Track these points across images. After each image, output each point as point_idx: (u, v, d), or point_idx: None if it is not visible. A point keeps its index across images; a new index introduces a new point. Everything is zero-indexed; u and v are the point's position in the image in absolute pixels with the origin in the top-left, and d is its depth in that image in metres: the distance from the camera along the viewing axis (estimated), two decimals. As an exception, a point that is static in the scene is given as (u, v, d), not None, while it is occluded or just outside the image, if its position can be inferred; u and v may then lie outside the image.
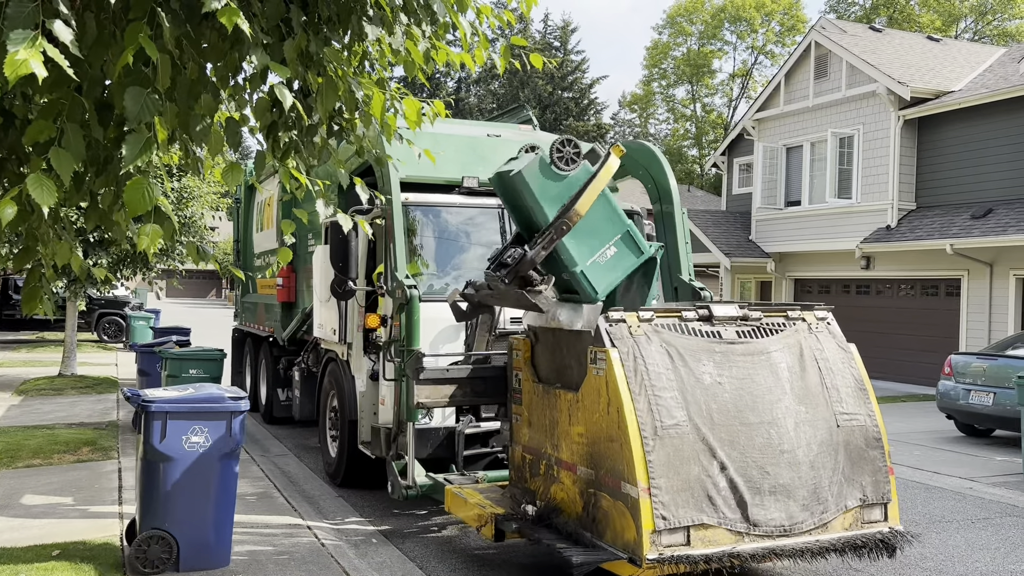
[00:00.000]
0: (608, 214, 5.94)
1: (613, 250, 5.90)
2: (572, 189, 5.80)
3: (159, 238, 3.07)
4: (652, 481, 4.75)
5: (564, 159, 5.80)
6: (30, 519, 6.63)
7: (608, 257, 5.88)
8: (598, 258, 5.85)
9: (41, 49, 2.27)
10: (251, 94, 3.61)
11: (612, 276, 5.89)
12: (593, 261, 5.83)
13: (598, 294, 5.82)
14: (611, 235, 5.91)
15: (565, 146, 5.83)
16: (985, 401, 11.24)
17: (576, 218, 5.65)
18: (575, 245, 5.80)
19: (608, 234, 5.90)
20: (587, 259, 5.83)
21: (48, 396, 13.36)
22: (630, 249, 5.95)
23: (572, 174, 5.83)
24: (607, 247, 5.88)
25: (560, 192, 5.80)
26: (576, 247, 5.80)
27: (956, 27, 40.95)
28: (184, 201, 15.50)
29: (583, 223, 5.74)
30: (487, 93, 51.61)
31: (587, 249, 5.84)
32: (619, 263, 5.92)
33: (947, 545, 6.83)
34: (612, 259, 5.89)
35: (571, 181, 5.83)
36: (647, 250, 6.02)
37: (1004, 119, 16.35)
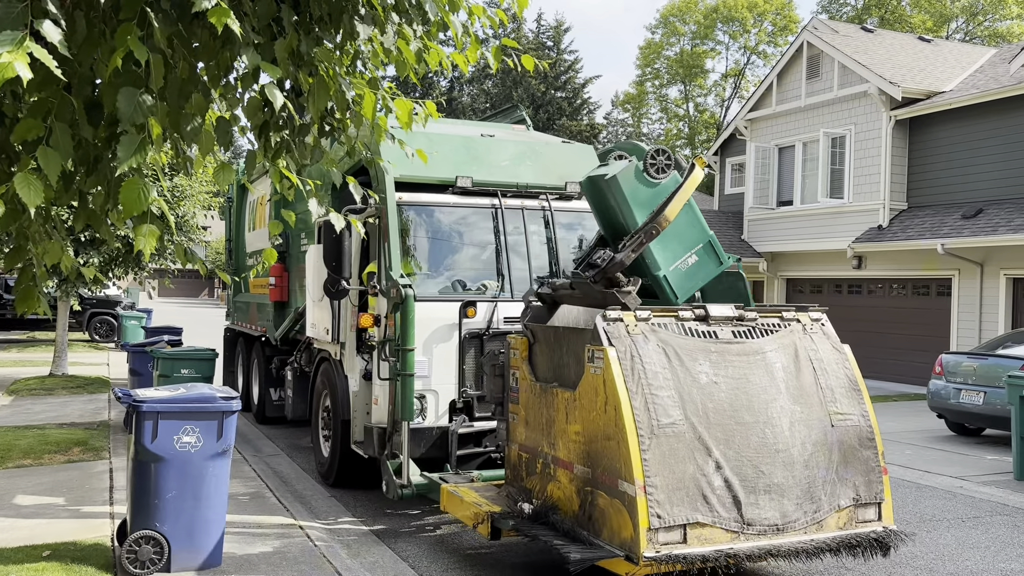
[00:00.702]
0: (692, 223, 6.21)
1: (694, 258, 6.16)
2: (661, 197, 6.04)
3: (155, 238, 3.07)
4: (648, 479, 4.77)
5: (657, 168, 6.08)
6: (20, 519, 6.60)
7: (689, 264, 6.14)
8: (680, 264, 6.10)
9: (28, 51, 2.26)
10: (242, 94, 3.61)
11: (692, 283, 6.15)
12: (675, 267, 6.07)
13: (678, 299, 6.04)
14: (694, 243, 6.17)
15: (658, 156, 6.11)
16: (976, 400, 11.28)
17: (665, 223, 5.86)
18: (660, 251, 6.03)
19: (691, 242, 6.17)
20: (670, 264, 6.07)
21: (39, 396, 13.30)
22: (710, 258, 6.22)
23: (663, 183, 6.10)
24: (689, 255, 6.14)
25: (650, 199, 6.06)
26: (661, 252, 6.04)
27: (947, 28, 41.10)
28: (176, 200, 15.46)
29: (669, 230, 5.97)
30: (480, 92, 51.58)
31: (671, 255, 6.08)
32: (699, 271, 6.18)
33: (938, 544, 6.86)
34: (693, 266, 6.15)
35: (661, 189, 6.09)
36: (726, 261, 6.27)
37: (995, 119, 16.43)
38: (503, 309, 7.51)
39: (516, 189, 8.23)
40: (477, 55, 4.20)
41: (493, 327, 7.44)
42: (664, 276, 6.03)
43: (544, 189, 8.36)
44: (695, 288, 6.18)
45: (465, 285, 7.76)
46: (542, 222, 8.16)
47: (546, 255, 8.08)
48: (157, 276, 17.67)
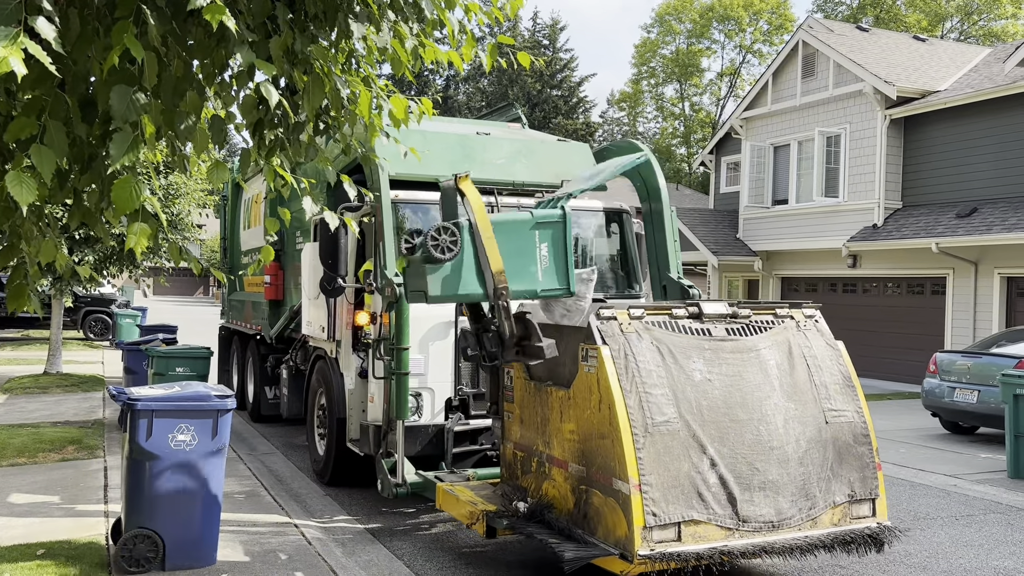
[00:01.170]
0: (512, 232, 5.72)
1: (544, 248, 5.76)
2: (471, 259, 5.57)
3: (147, 237, 3.06)
4: (643, 477, 4.78)
5: (441, 248, 5.49)
6: (14, 518, 6.59)
7: (547, 256, 5.77)
8: (543, 268, 5.75)
9: (22, 47, 2.25)
10: (237, 91, 3.60)
11: (564, 262, 5.80)
12: (544, 275, 5.76)
13: (569, 287, 5.82)
14: (532, 241, 5.75)
15: (441, 234, 5.49)
16: (969, 399, 11.32)
17: (502, 278, 5.51)
18: (521, 284, 5.69)
19: (530, 244, 5.74)
20: (539, 280, 5.75)
21: (33, 394, 13.27)
22: (551, 227, 5.77)
23: (458, 252, 5.53)
24: (539, 252, 5.75)
25: (465, 270, 5.56)
26: (524, 283, 5.71)
27: (942, 27, 41.19)
28: (171, 198, 15.42)
29: (508, 264, 5.58)
30: (476, 91, 51.57)
31: (530, 275, 5.73)
32: (558, 247, 5.78)
33: (931, 542, 6.88)
34: (552, 252, 5.77)
35: (465, 255, 5.55)
36: (558, 209, 5.86)
37: (989, 119, 16.47)
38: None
39: (511, 187, 8.23)
40: (472, 53, 4.19)
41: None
42: (543, 291, 5.78)
43: (539, 187, 8.36)
44: (570, 258, 5.79)
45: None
46: (537, 220, 8.14)
47: (541, 253, 8.07)
48: (152, 274, 17.62)
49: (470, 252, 5.58)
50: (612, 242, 8.70)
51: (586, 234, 8.58)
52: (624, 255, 8.67)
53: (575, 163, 8.82)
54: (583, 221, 8.55)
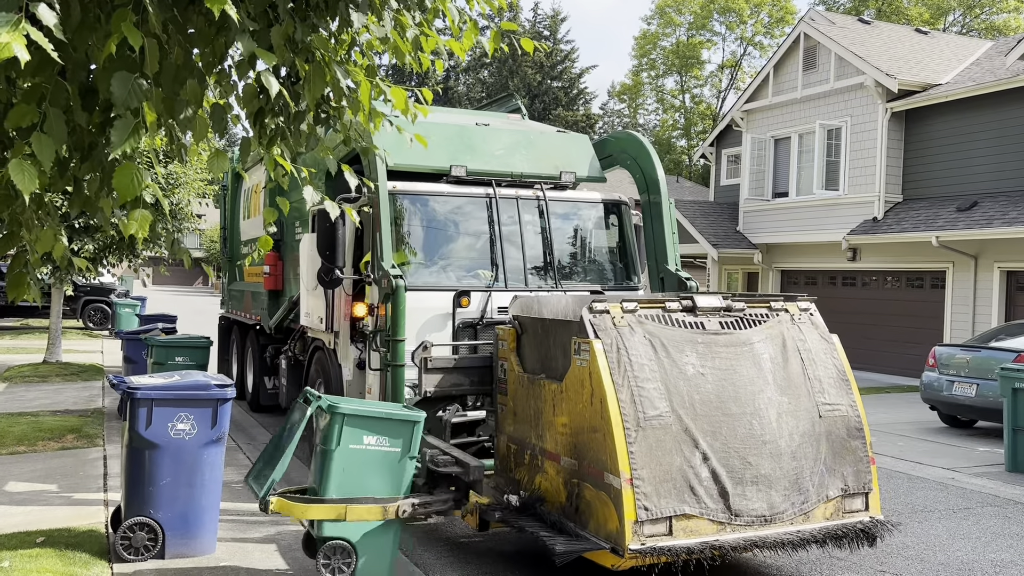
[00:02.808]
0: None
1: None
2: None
3: (148, 224, 3.05)
4: (634, 472, 4.78)
5: (334, 569, 5.09)
6: (14, 506, 6.60)
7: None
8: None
9: (24, 32, 2.24)
10: (238, 80, 3.59)
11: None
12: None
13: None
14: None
15: (333, 555, 5.09)
16: (968, 392, 11.34)
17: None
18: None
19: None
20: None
21: (33, 383, 13.28)
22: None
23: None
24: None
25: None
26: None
27: (944, 20, 41.08)
28: (171, 188, 15.40)
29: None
30: (476, 81, 51.44)
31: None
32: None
33: (929, 534, 6.90)
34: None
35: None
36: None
37: (991, 112, 16.44)
38: (497, 299, 7.52)
39: (511, 178, 8.22)
40: (473, 40, 4.18)
41: (487, 316, 7.45)
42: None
43: (539, 178, 8.35)
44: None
45: (459, 275, 7.75)
46: (536, 212, 8.15)
47: (540, 245, 8.08)
48: (151, 264, 17.61)
49: (355, 527, 5.19)
50: (610, 234, 8.69)
51: (585, 225, 8.58)
52: (622, 247, 8.66)
53: (575, 154, 8.80)
54: (582, 212, 8.55)
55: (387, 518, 5.15)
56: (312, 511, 5.09)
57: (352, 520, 5.08)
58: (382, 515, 5.14)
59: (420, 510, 5.41)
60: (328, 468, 5.09)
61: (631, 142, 8.92)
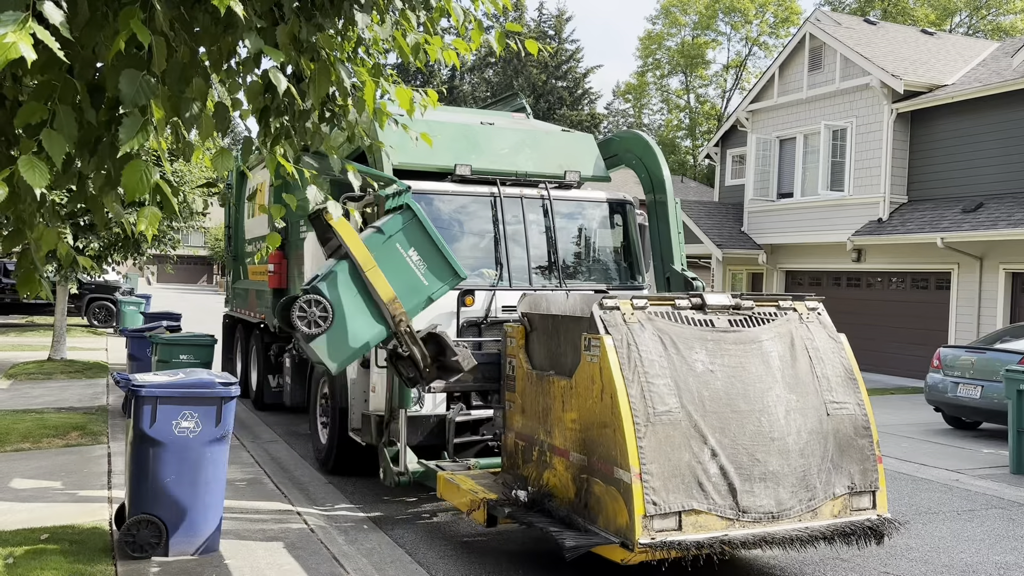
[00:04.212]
0: (377, 253, 5.74)
1: (412, 252, 5.87)
2: (357, 302, 5.57)
3: (158, 221, 3.06)
4: (644, 467, 4.79)
5: (310, 322, 5.33)
6: (19, 503, 6.62)
7: (419, 258, 5.88)
8: (423, 273, 5.86)
9: (31, 32, 2.25)
10: (244, 78, 3.59)
11: (439, 255, 5.98)
12: (427, 278, 5.88)
13: (457, 275, 6.07)
14: (398, 253, 5.85)
15: (309, 308, 5.33)
16: (973, 394, 11.31)
17: (396, 305, 5.54)
18: (413, 299, 5.76)
19: (397, 256, 5.84)
20: (424, 286, 5.88)
21: (37, 380, 13.31)
22: (406, 229, 5.90)
23: (332, 321, 5.42)
24: (410, 260, 5.85)
25: (355, 319, 5.54)
26: (415, 296, 5.81)
27: (950, 21, 40.98)
28: (178, 185, 15.44)
29: (395, 281, 5.64)
30: (481, 81, 51.43)
31: (415, 286, 5.83)
32: (423, 245, 5.93)
33: (933, 536, 6.89)
34: (421, 252, 5.90)
35: (346, 303, 5.48)
36: (402, 208, 5.97)
37: (996, 113, 16.40)
38: (501, 298, 7.52)
39: (515, 178, 8.22)
40: (480, 40, 4.18)
41: (491, 315, 7.45)
42: (430, 296, 5.96)
43: (543, 178, 8.35)
44: (444, 254, 6.00)
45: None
46: (541, 211, 8.15)
47: (545, 244, 8.08)
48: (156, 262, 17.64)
49: (353, 296, 5.53)
50: (615, 233, 8.69)
51: (589, 224, 8.58)
52: (627, 246, 8.66)
53: (580, 154, 8.80)
54: (587, 212, 8.54)
55: (390, 309, 5.38)
56: (354, 239, 5.38)
57: (370, 279, 5.29)
58: (391, 300, 5.41)
59: (407, 339, 5.67)
60: (369, 240, 5.61)
61: (636, 141, 8.91)
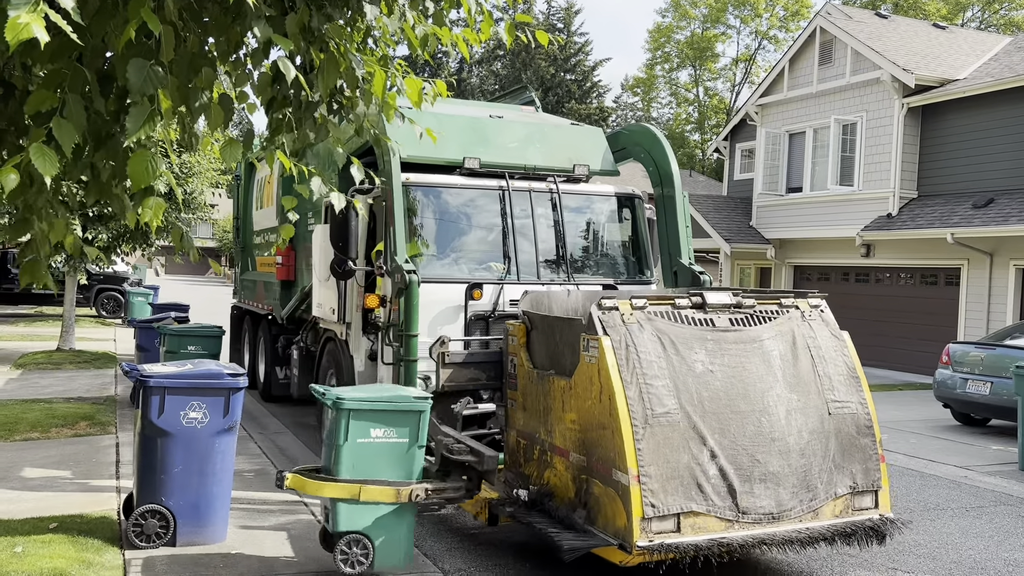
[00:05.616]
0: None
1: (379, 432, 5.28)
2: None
3: (162, 211, 3.05)
4: (642, 469, 4.77)
5: (352, 562, 5.13)
6: (27, 492, 6.65)
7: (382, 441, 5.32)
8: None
9: (43, 14, 2.24)
10: (252, 69, 3.58)
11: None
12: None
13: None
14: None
15: (350, 548, 5.10)
16: (982, 390, 11.26)
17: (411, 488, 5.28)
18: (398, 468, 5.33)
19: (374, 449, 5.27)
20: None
21: (46, 370, 13.37)
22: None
23: (373, 558, 5.13)
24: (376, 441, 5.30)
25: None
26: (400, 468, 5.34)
27: (962, 15, 40.69)
28: (184, 177, 15.45)
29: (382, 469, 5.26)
30: (489, 74, 51.34)
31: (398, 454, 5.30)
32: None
33: (941, 532, 6.86)
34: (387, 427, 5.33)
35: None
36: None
37: (1008, 108, 16.28)
38: (509, 291, 7.51)
39: (524, 171, 8.20)
40: (490, 31, 4.16)
41: (499, 309, 7.44)
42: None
43: (552, 171, 8.32)
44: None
45: (471, 267, 7.74)
46: (549, 204, 8.13)
47: (553, 238, 8.06)
48: (165, 253, 17.70)
49: (370, 512, 5.20)
50: (624, 227, 8.66)
51: (598, 219, 8.55)
52: (636, 241, 8.63)
53: (588, 147, 8.77)
54: (595, 206, 8.52)
55: (400, 501, 5.15)
56: (326, 488, 5.09)
57: (366, 500, 5.07)
58: (395, 497, 5.13)
59: (433, 496, 5.41)
60: (339, 457, 5.11)
61: (645, 135, 8.88)
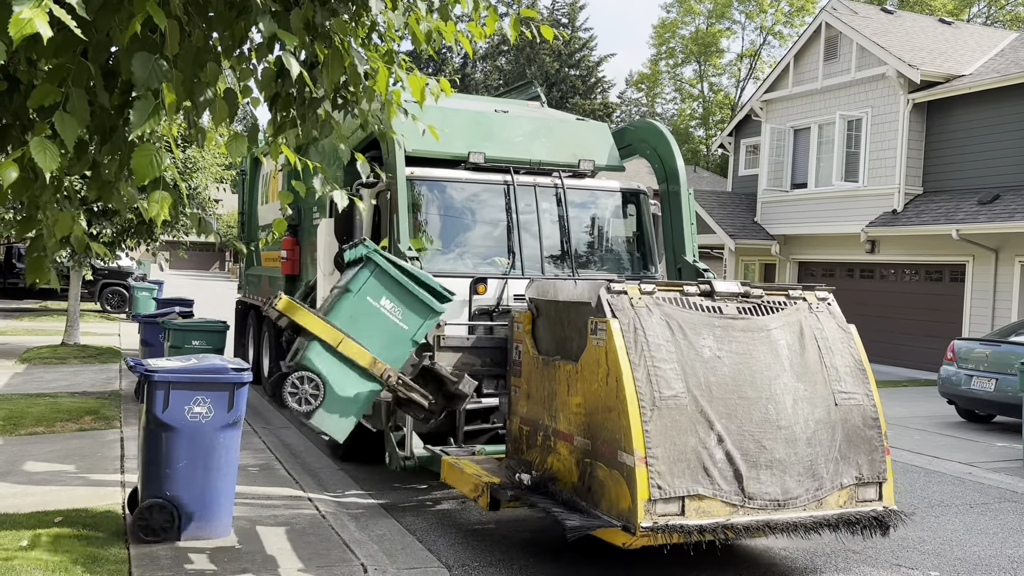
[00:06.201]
0: (352, 314, 5.54)
1: (384, 300, 5.66)
2: (346, 371, 5.46)
3: (168, 205, 3.06)
4: (649, 451, 4.77)
5: (302, 399, 5.25)
6: (32, 486, 6.67)
7: (394, 305, 5.68)
8: (401, 318, 5.66)
9: (47, 9, 2.24)
10: (256, 65, 3.58)
11: (410, 295, 5.74)
12: (405, 321, 5.68)
13: (437, 305, 5.84)
14: (371, 306, 5.63)
15: (301, 385, 5.23)
16: (987, 387, 11.24)
17: (378, 365, 5.40)
18: (398, 348, 5.59)
19: (371, 310, 5.62)
20: (405, 330, 5.67)
21: (51, 365, 13.40)
22: (372, 281, 5.69)
23: (323, 398, 5.33)
24: (383, 309, 5.64)
25: (350, 383, 5.43)
26: (399, 345, 5.63)
27: (968, 11, 40.52)
28: (189, 172, 15.46)
29: (375, 341, 5.47)
30: (493, 69, 51.27)
31: (396, 334, 5.62)
32: (393, 288, 5.70)
33: (945, 529, 6.85)
34: (393, 298, 5.68)
35: (336, 372, 5.36)
36: (363, 261, 5.79)
37: (1014, 104, 16.22)
38: (513, 286, 7.50)
39: (529, 166, 8.19)
40: (496, 26, 4.15)
41: (503, 304, 7.44)
42: (414, 338, 5.76)
43: (557, 166, 8.31)
44: (415, 291, 5.77)
45: (476, 262, 7.73)
46: (554, 199, 8.12)
47: (558, 233, 8.05)
48: (169, 248, 17.69)
49: (337, 364, 5.39)
50: (628, 223, 8.65)
51: (602, 214, 8.54)
52: (640, 236, 8.62)
53: (594, 143, 8.76)
54: (600, 201, 8.51)
55: (371, 370, 5.12)
56: (313, 323, 5.01)
57: (343, 352, 5.04)
58: (371, 365, 5.10)
59: (400, 388, 5.37)
60: (340, 304, 5.10)
61: (650, 131, 8.86)
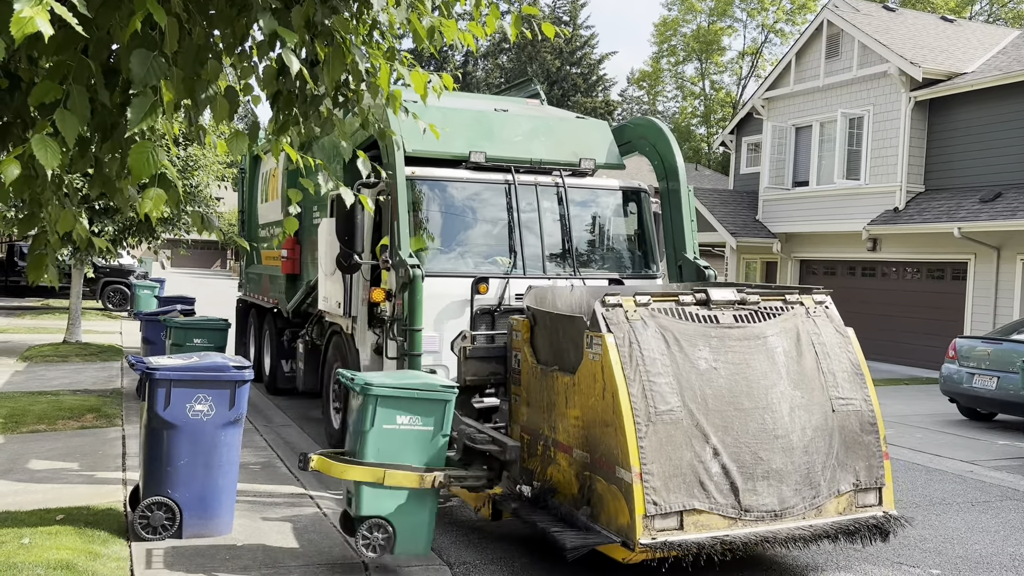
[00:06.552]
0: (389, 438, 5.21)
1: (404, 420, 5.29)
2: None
3: (163, 203, 3.05)
4: (644, 467, 4.78)
5: (374, 547, 5.13)
6: (34, 484, 6.68)
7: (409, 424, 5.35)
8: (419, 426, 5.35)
9: (48, 7, 2.24)
10: (257, 62, 3.57)
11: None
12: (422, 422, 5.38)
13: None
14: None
15: (371, 533, 5.13)
16: (988, 385, 11.23)
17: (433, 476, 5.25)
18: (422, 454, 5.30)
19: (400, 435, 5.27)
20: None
21: (53, 363, 13.41)
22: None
23: (394, 542, 5.15)
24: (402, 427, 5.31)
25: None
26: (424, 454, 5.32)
27: (971, 8, 40.46)
28: (190, 170, 15.47)
29: (407, 453, 5.24)
30: (495, 67, 51.24)
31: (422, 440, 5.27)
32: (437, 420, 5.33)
33: (947, 527, 6.85)
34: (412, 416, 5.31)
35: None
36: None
37: (1016, 102, 16.19)
38: (515, 286, 7.50)
39: (529, 165, 8.18)
40: (496, 25, 4.15)
41: (504, 304, 7.43)
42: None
43: (558, 165, 8.31)
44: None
45: (477, 261, 7.73)
46: (555, 198, 8.11)
47: (559, 232, 8.04)
48: (171, 246, 17.70)
49: (393, 498, 5.21)
50: (629, 222, 8.64)
51: (603, 213, 8.54)
52: (641, 235, 8.61)
53: (594, 141, 8.75)
54: (601, 200, 8.50)
55: (423, 486, 5.17)
56: (352, 471, 5.10)
57: (390, 484, 5.08)
58: (419, 483, 5.15)
59: (455, 483, 5.43)
60: (365, 441, 5.13)
61: (650, 128, 8.85)
